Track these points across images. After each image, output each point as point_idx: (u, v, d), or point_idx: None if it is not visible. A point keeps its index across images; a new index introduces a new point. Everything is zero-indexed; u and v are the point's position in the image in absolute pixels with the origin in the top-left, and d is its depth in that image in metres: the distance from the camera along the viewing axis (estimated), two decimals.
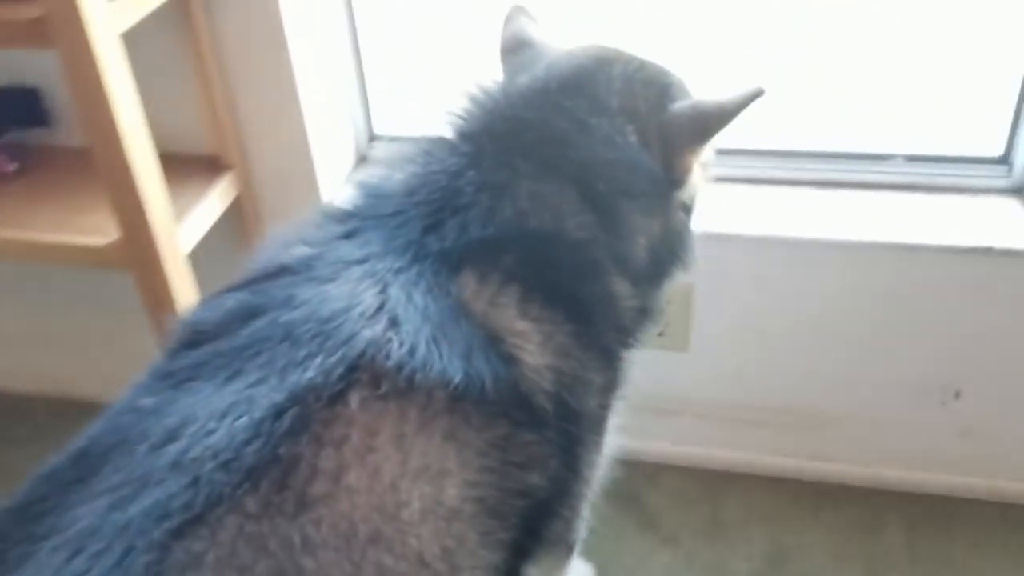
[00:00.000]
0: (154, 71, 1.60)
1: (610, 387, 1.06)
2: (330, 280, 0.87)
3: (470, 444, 0.83)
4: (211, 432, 0.72)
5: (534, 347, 0.90)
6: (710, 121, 1.06)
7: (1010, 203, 1.66)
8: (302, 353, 0.79)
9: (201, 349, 0.82)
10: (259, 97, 1.69)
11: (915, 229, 1.62)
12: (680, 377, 1.85)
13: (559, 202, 0.98)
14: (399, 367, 0.80)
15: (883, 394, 1.77)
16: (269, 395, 0.75)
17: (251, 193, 1.78)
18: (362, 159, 1.91)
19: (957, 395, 1.73)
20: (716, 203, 1.70)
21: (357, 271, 0.88)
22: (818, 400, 1.82)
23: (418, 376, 0.80)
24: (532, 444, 0.89)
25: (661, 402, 1.89)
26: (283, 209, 1.79)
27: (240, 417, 0.73)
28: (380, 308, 0.84)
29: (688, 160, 1.08)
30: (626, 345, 1.09)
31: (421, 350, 0.81)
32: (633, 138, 1.03)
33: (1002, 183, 1.68)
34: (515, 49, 1.15)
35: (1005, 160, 1.67)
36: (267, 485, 0.71)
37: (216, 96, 1.67)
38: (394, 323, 0.83)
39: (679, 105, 1.07)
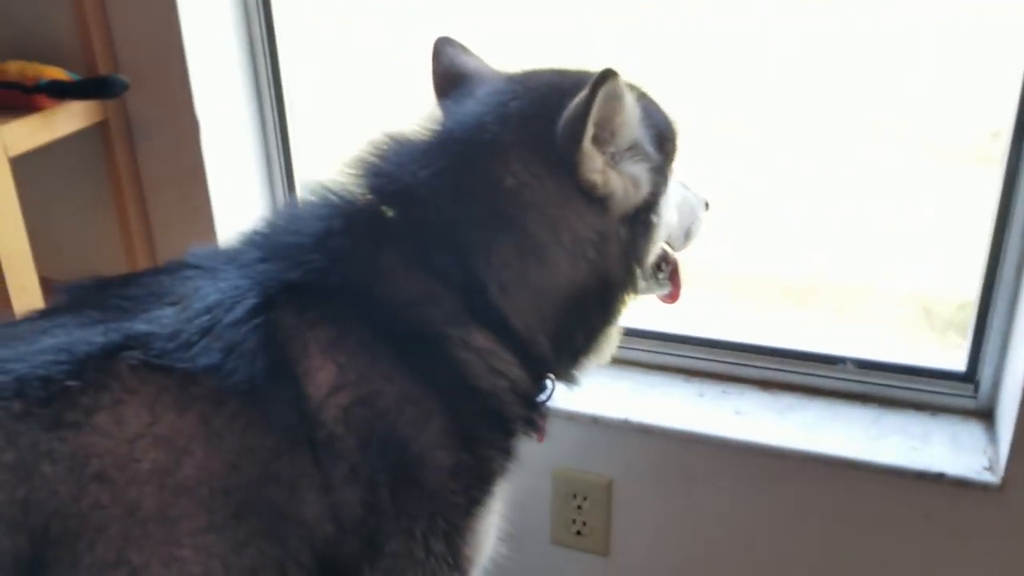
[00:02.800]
0: (68, 195, 1.56)
1: (464, 472, 0.98)
2: (173, 279, 0.98)
3: (225, 439, 0.87)
4: (41, 352, 0.85)
5: (325, 384, 0.91)
6: (567, 123, 0.98)
7: (971, 427, 1.48)
8: (119, 319, 0.92)
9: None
10: (177, 230, 1.63)
11: (858, 444, 1.44)
12: None
13: (391, 266, 0.98)
14: (158, 342, 0.88)
15: None
16: (90, 338, 0.88)
17: None
18: None
19: None
20: (646, 393, 1.59)
21: (194, 274, 0.98)
22: None
23: (175, 356, 0.87)
24: (309, 472, 0.90)
25: None
26: None
27: (63, 350, 0.86)
28: (184, 298, 0.94)
29: (585, 168, 0.99)
30: (500, 430, 1.02)
31: (184, 335, 0.89)
32: (511, 180, 0.99)
33: (966, 403, 1.50)
34: (447, 87, 1.13)
35: (970, 378, 1.50)
36: (35, 398, 0.82)
37: (132, 225, 1.61)
38: (182, 310, 0.92)
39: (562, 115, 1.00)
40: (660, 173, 1.07)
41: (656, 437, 1.52)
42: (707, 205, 1.21)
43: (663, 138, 1.09)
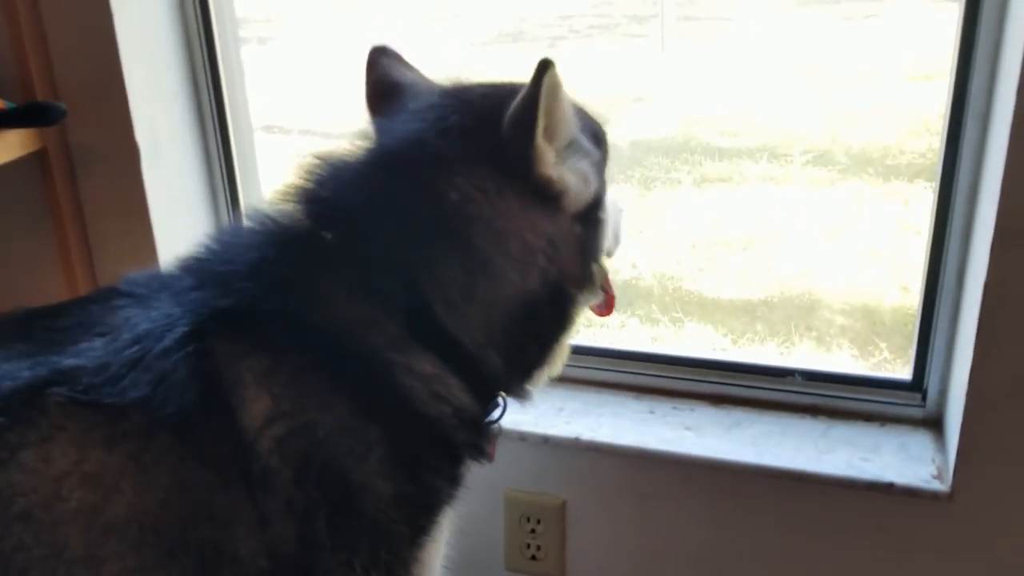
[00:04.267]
0: (6, 225, 1.54)
1: (407, 501, 0.97)
2: (103, 308, 0.95)
3: (156, 475, 0.84)
4: None
5: (260, 415, 0.88)
6: (516, 119, 0.98)
7: (920, 436, 1.48)
8: (46, 352, 0.89)
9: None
10: (119, 259, 1.61)
11: (808, 457, 1.44)
12: None
13: (329, 291, 0.96)
14: (85, 377, 0.86)
15: None
16: (16, 373, 0.85)
17: None
18: None
19: None
20: (596, 412, 1.58)
21: (125, 303, 0.95)
22: None
23: (103, 390, 0.85)
24: (245, 508, 0.88)
25: None
26: None
27: None
28: (113, 329, 0.91)
29: (539, 164, 0.99)
30: (445, 457, 1.01)
31: (112, 368, 0.86)
32: (454, 195, 0.98)
33: (914, 413, 1.50)
34: (380, 99, 1.12)
35: (917, 387, 1.50)
36: None
37: (73, 255, 1.59)
38: (111, 341, 0.89)
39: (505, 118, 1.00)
40: (601, 170, 1.08)
41: (608, 455, 1.51)
42: (622, 211, 1.21)
43: (597, 135, 1.10)
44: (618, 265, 3.22)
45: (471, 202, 0.98)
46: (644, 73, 5.23)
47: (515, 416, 1.54)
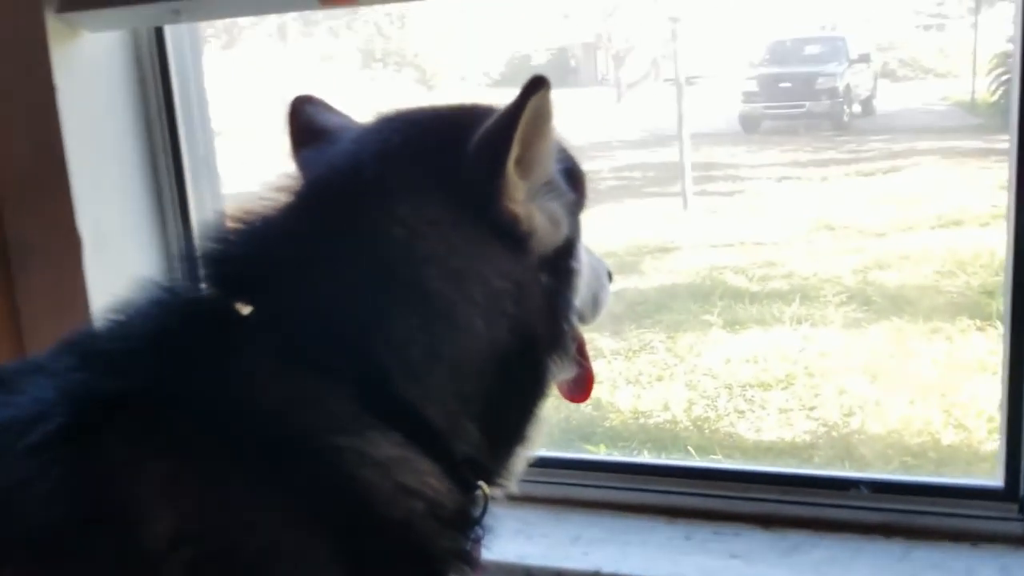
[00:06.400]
0: None
1: None
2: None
3: None
4: None
5: (164, 537, 0.70)
6: (485, 142, 0.81)
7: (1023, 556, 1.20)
8: None
9: None
10: None
11: None
12: None
13: (249, 367, 0.78)
14: None
15: None
16: None
17: None
18: None
19: None
20: (620, 539, 1.32)
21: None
22: None
23: None
24: None
25: None
26: None
27: None
28: None
29: (506, 197, 0.82)
30: (414, 561, 0.79)
31: None
32: (399, 230, 0.81)
33: (1012, 528, 1.22)
34: (303, 145, 0.95)
35: (1011, 495, 1.23)
36: None
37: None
38: None
39: (471, 141, 0.83)
40: (575, 215, 0.92)
41: None
42: (610, 275, 1.02)
43: (574, 176, 0.94)
44: (649, 407, 3.06)
45: (421, 238, 0.82)
46: (668, 227, 5.31)
47: (519, 547, 1.32)
